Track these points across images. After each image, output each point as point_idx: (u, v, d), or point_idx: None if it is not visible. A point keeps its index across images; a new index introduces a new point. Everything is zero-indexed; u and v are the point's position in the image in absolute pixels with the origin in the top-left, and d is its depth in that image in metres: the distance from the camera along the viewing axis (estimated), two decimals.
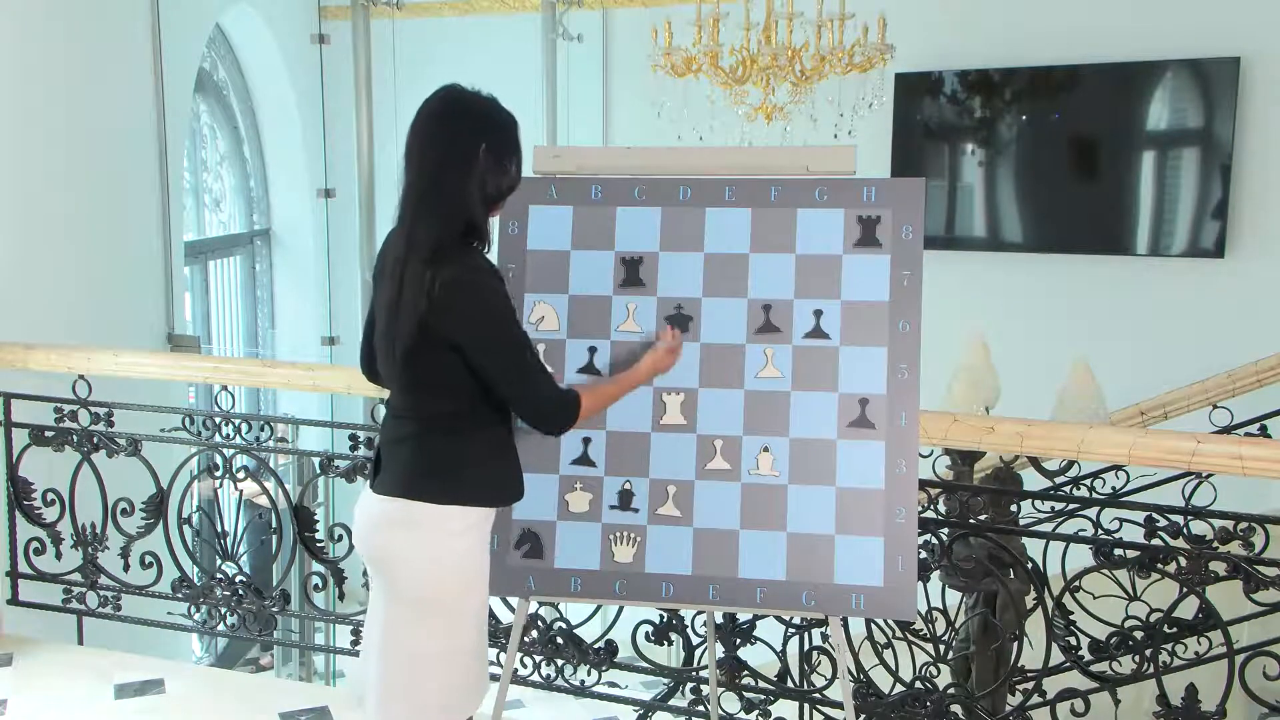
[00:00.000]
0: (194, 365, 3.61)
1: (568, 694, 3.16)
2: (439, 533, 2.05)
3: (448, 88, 2.04)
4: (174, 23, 5.26)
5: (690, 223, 2.41)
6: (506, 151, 2.02)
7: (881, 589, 2.27)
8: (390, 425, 2.15)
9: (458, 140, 1.99)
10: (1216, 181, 5.61)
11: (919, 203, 2.36)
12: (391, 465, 2.11)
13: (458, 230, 2.00)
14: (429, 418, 2.09)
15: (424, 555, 2.06)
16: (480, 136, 1.99)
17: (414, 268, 1.97)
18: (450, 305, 1.96)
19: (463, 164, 1.98)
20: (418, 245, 1.98)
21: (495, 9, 7.16)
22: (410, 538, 2.06)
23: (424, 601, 2.07)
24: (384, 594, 2.12)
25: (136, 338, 5.00)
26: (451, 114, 2.01)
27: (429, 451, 2.08)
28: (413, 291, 1.97)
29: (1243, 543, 2.50)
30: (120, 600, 3.57)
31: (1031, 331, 5.73)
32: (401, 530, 2.07)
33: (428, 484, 2.06)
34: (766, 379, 2.35)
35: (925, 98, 6.15)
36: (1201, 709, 2.59)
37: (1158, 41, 5.64)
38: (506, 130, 2.03)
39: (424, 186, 2.00)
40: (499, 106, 2.05)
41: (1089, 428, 2.58)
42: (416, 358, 2.01)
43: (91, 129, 4.66)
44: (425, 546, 2.06)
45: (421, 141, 2.01)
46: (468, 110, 2.02)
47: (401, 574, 2.08)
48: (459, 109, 2.02)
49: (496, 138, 2.01)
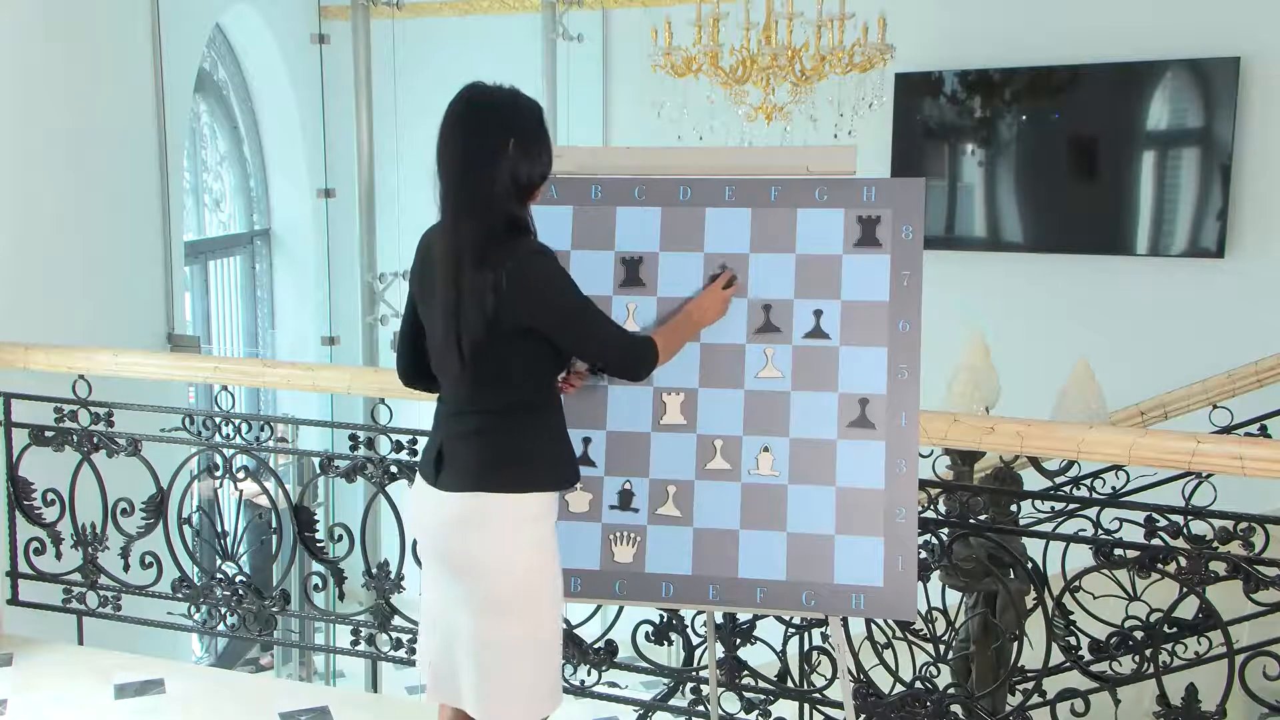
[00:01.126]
0: (194, 365, 3.61)
1: (568, 694, 3.15)
2: (514, 521, 2.08)
3: (469, 86, 2.06)
4: (174, 23, 5.26)
5: (690, 223, 2.41)
6: (534, 140, 2.04)
7: (881, 589, 2.27)
8: (452, 421, 2.15)
9: (485, 138, 2.01)
10: (1216, 181, 5.61)
11: (919, 203, 2.36)
12: (459, 460, 2.12)
13: (500, 225, 2.02)
14: (493, 410, 2.11)
15: (505, 547, 2.08)
16: (506, 130, 2.01)
17: (469, 270, 2.00)
18: (516, 296, 2.00)
19: (492, 160, 2.00)
20: (465, 248, 2.01)
21: (495, 9, 7.16)
22: (488, 532, 2.08)
23: (514, 593, 2.09)
24: (467, 594, 2.11)
25: (136, 338, 5.00)
26: (475, 112, 2.04)
27: (498, 442, 2.10)
28: (475, 293, 2.00)
29: (1243, 543, 2.50)
30: (120, 600, 3.57)
31: (1031, 331, 5.73)
32: (479, 526, 2.08)
33: (499, 474, 2.09)
34: (766, 379, 2.35)
35: (925, 98, 6.15)
36: (1201, 709, 2.59)
37: (1158, 41, 5.65)
38: (531, 118, 2.05)
39: (459, 188, 2.02)
40: (521, 96, 2.06)
41: (1089, 428, 2.58)
42: (486, 353, 2.04)
43: (91, 129, 4.66)
44: (504, 538, 2.08)
45: (450, 144, 2.03)
46: (490, 106, 2.04)
47: (487, 571, 2.08)
48: (482, 106, 2.04)
49: (522, 128, 2.03)
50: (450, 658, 2.16)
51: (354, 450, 3.18)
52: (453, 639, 2.15)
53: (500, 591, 2.09)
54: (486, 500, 2.08)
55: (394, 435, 3.12)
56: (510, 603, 2.09)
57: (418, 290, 2.17)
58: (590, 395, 2.38)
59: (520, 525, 2.09)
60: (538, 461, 2.12)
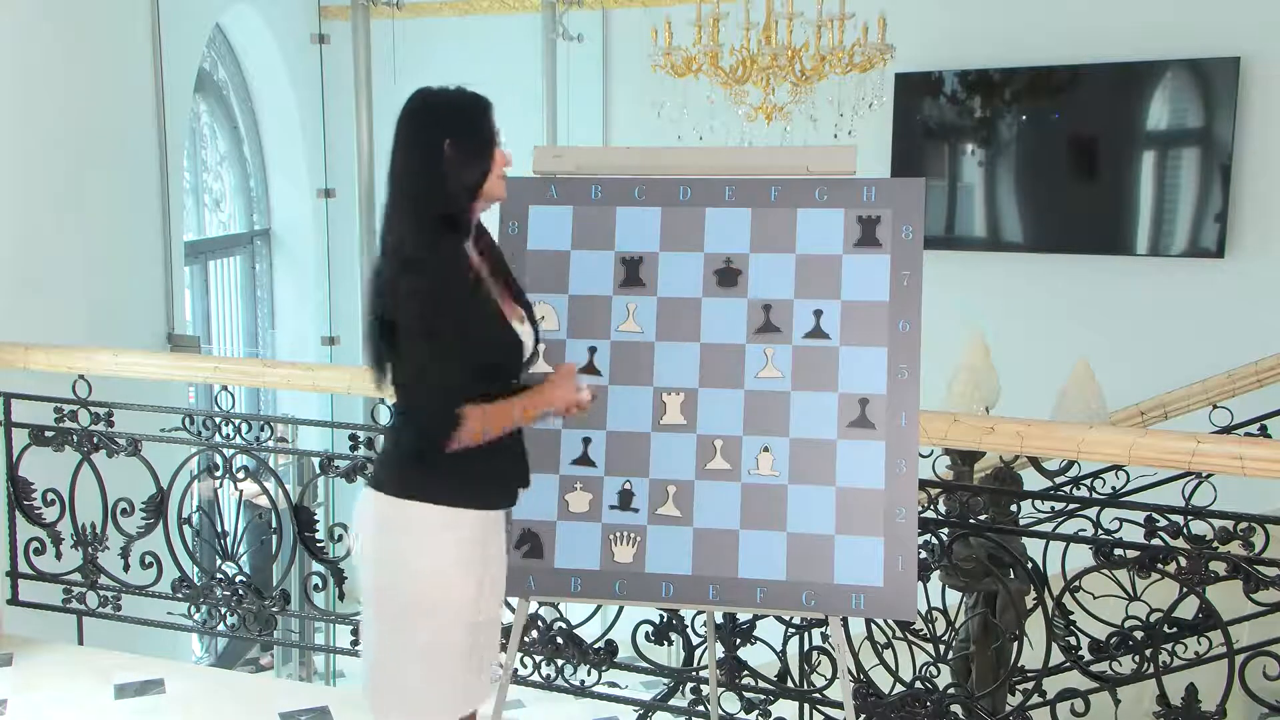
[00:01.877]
0: (194, 365, 3.61)
1: (568, 694, 3.16)
2: (398, 527, 2.03)
3: (416, 91, 2.04)
4: (174, 23, 5.26)
5: (690, 223, 2.41)
6: (474, 141, 2.01)
7: (881, 589, 2.27)
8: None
9: (421, 140, 1.99)
10: (1216, 181, 5.61)
11: (919, 203, 2.36)
12: (377, 456, 2.13)
13: (429, 228, 1.98)
14: (403, 411, 2.08)
15: (384, 549, 2.05)
16: (443, 132, 1.99)
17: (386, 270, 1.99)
18: (396, 290, 1.96)
19: (429, 162, 1.98)
20: (389, 249, 2.00)
21: (495, 9, 7.16)
22: (381, 533, 2.05)
23: (389, 598, 2.05)
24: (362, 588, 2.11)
25: (136, 338, 5.00)
26: (415, 115, 2.02)
27: (398, 445, 2.07)
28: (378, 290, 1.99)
29: (1243, 543, 2.50)
30: (120, 600, 3.57)
31: (1031, 331, 5.73)
32: (373, 524, 2.06)
33: (386, 475, 2.06)
34: (766, 379, 2.35)
35: (925, 98, 6.15)
36: (1201, 709, 2.59)
37: (1158, 41, 5.64)
38: (472, 120, 2.02)
39: (393, 190, 2.01)
40: (464, 97, 2.03)
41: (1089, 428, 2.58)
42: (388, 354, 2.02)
43: (91, 129, 4.66)
44: (385, 541, 2.04)
45: (393, 147, 2.02)
46: (430, 109, 2.02)
47: (374, 569, 2.06)
48: (422, 109, 2.02)
49: (461, 130, 2.00)
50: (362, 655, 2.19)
51: (354, 450, 3.18)
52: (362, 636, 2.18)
53: (378, 592, 2.06)
54: (375, 499, 2.05)
55: None
56: (385, 606, 2.06)
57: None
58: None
59: (403, 532, 2.03)
60: (437, 472, 2.01)
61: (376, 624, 2.08)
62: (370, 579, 2.07)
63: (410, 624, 2.04)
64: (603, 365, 2.39)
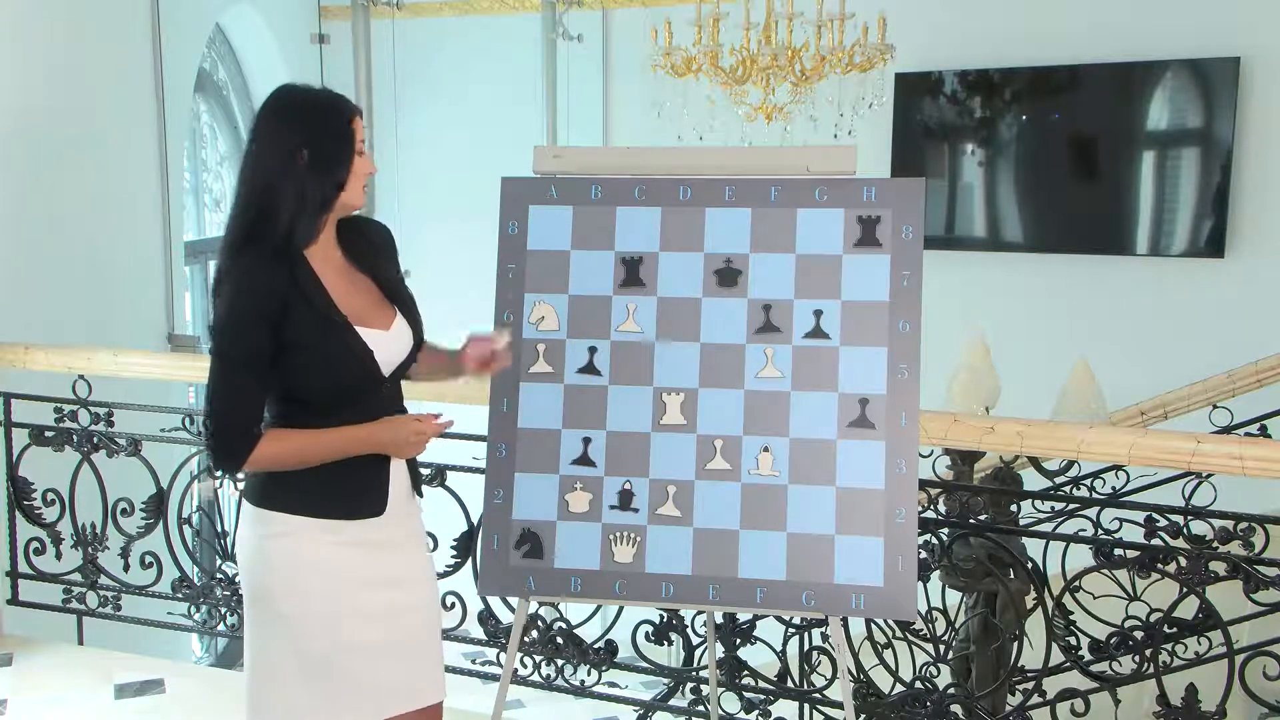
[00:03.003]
0: (194, 365, 3.61)
1: (568, 694, 3.16)
2: (257, 534, 2.03)
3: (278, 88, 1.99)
4: (174, 23, 5.26)
5: (690, 223, 2.41)
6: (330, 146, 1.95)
7: (881, 589, 2.27)
8: None
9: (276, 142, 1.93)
10: (1216, 181, 5.60)
11: (919, 203, 2.36)
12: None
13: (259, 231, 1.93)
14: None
15: (243, 551, 2.05)
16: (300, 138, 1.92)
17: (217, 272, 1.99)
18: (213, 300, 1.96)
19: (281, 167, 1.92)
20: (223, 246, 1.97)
21: (495, 9, 7.15)
22: (240, 537, 2.07)
23: (249, 603, 2.05)
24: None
25: (136, 338, 5.00)
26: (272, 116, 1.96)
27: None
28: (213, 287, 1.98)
29: (1243, 543, 2.50)
30: (120, 600, 3.57)
31: (1031, 331, 5.73)
32: (239, 528, 2.08)
33: (247, 482, 2.06)
34: (766, 379, 2.35)
35: (925, 98, 6.14)
36: (1201, 709, 2.59)
37: (1158, 41, 5.64)
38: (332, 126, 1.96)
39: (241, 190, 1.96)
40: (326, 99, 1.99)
41: (1089, 428, 2.58)
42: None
43: (91, 129, 4.66)
44: (244, 542, 2.05)
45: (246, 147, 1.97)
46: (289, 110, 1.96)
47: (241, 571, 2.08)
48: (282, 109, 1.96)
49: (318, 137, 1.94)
50: None
51: None
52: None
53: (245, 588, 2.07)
54: (243, 505, 2.07)
55: None
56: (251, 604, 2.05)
57: None
58: (591, 395, 2.38)
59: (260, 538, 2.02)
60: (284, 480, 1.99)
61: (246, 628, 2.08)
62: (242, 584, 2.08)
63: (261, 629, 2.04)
64: (603, 365, 2.39)
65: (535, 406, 2.37)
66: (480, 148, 6.09)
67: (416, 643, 2.11)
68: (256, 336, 1.90)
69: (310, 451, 1.98)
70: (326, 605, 2.01)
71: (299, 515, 1.99)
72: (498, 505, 2.38)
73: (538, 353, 2.40)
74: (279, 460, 1.96)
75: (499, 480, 2.39)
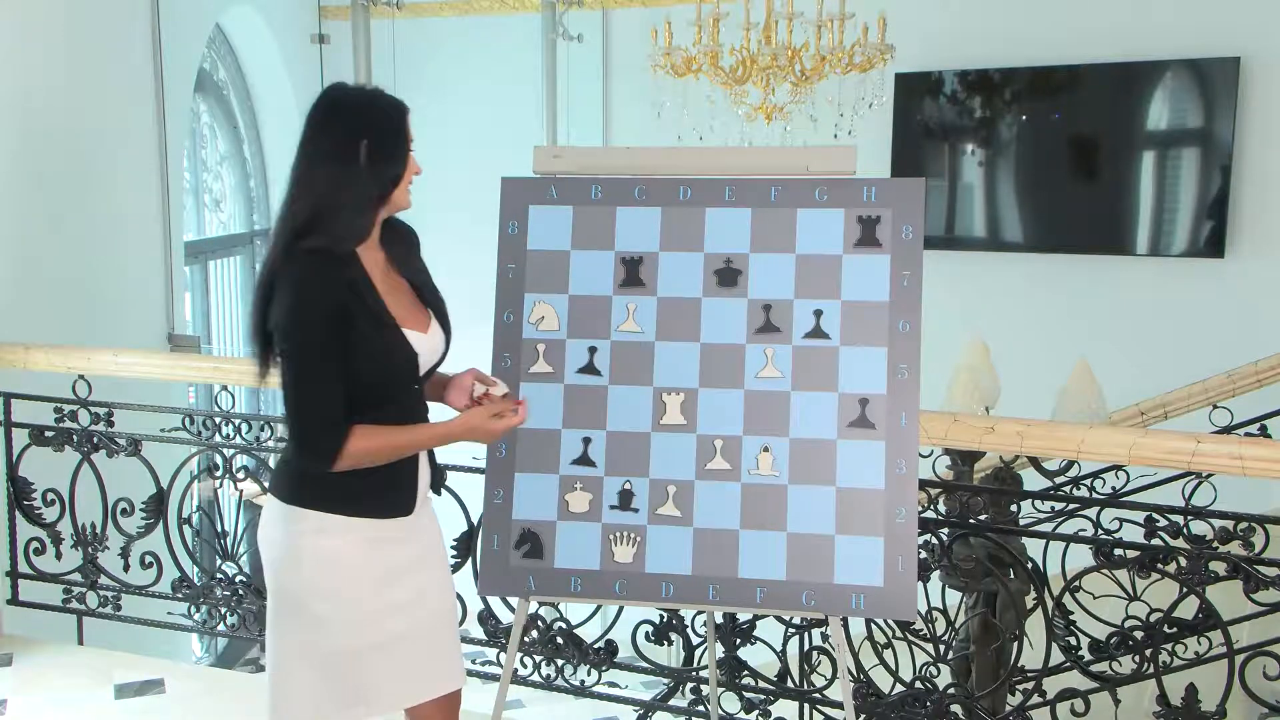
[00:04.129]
0: (194, 365, 3.61)
1: (568, 694, 3.16)
2: (288, 532, 2.03)
3: (330, 87, 2.01)
4: (174, 23, 5.26)
5: (690, 223, 2.41)
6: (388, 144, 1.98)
7: (881, 589, 2.27)
8: None
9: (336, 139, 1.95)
10: (1216, 181, 5.61)
11: (919, 203, 2.36)
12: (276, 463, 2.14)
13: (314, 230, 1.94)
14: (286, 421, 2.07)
15: (274, 554, 2.06)
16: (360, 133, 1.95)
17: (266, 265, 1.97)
18: (269, 301, 1.94)
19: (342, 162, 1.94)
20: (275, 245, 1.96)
21: (495, 9, 7.15)
22: (266, 535, 2.07)
23: (277, 602, 2.06)
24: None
25: (136, 338, 5.00)
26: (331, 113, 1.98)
27: (288, 452, 2.07)
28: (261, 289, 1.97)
29: (1243, 543, 2.50)
30: (120, 600, 3.57)
31: (1031, 331, 5.73)
32: (263, 527, 2.08)
33: (281, 482, 2.07)
34: (766, 379, 2.34)
35: (925, 98, 6.15)
36: (1201, 709, 2.59)
37: (1158, 41, 5.64)
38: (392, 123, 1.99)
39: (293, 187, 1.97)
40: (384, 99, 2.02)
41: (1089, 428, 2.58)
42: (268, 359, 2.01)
43: (91, 129, 4.66)
44: (272, 540, 2.06)
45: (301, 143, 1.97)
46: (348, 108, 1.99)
47: (266, 571, 2.09)
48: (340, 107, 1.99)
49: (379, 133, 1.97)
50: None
51: None
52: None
53: (272, 596, 2.07)
54: (269, 503, 2.07)
55: None
56: (274, 610, 2.07)
57: None
58: (591, 395, 2.38)
59: (291, 537, 2.03)
60: (314, 477, 2.00)
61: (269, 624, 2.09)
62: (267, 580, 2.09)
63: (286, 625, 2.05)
64: (603, 365, 2.39)
65: (535, 406, 2.37)
66: (480, 147, 6.08)
67: (436, 633, 2.14)
68: (326, 331, 1.91)
69: (404, 448, 2.02)
70: (357, 604, 2.03)
71: (333, 513, 2.01)
72: (498, 505, 2.39)
73: (538, 352, 2.40)
74: (373, 455, 1.97)
75: (499, 480, 2.39)
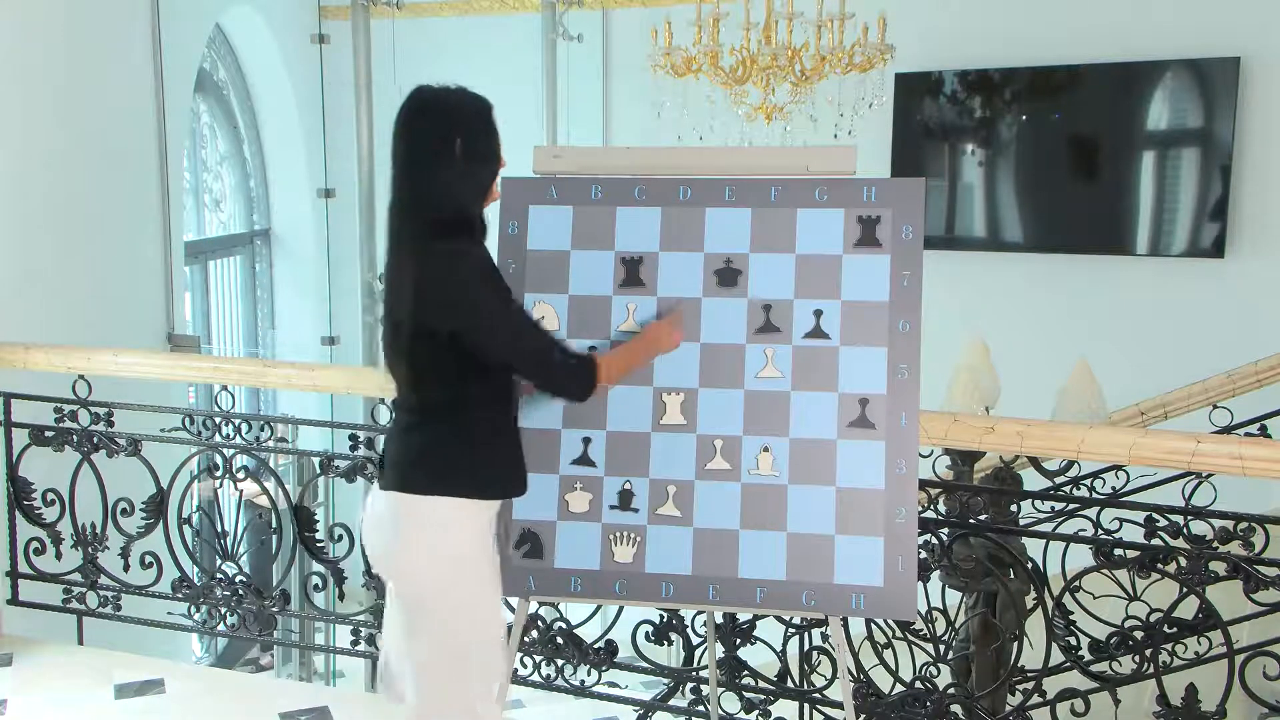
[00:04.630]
0: (194, 365, 3.61)
1: (568, 694, 3.16)
2: (430, 526, 2.06)
3: (416, 88, 2.07)
4: (174, 23, 5.26)
5: (690, 223, 2.41)
6: (481, 140, 2.05)
7: (881, 589, 2.27)
8: (393, 419, 2.20)
9: (430, 139, 2.03)
10: (1216, 181, 5.61)
11: (919, 203, 2.36)
12: (391, 459, 2.13)
13: (442, 225, 2.03)
14: (424, 410, 2.11)
15: (415, 551, 2.07)
16: (454, 131, 2.02)
17: (405, 267, 2.03)
18: (436, 296, 2.00)
19: (437, 161, 2.02)
20: (405, 245, 2.04)
21: (495, 9, 7.16)
22: (400, 533, 2.07)
23: (426, 598, 2.08)
24: (396, 593, 2.13)
25: (136, 338, 5.00)
26: (424, 114, 2.05)
27: (422, 443, 2.10)
28: (408, 290, 2.02)
29: (1243, 543, 2.50)
30: (120, 600, 3.57)
31: (1031, 331, 5.73)
32: (393, 526, 2.08)
33: (417, 474, 2.08)
34: (766, 379, 2.35)
35: (925, 98, 6.15)
36: (1201, 709, 2.59)
37: (1158, 41, 5.64)
38: (475, 120, 2.06)
39: (404, 187, 2.04)
40: (474, 97, 2.07)
41: (1089, 428, 2.58)
42: (415, 351, 2.05)
43: (91, 129, 4.66)
44: (415, 541, 2.07)
45: (396, 144, 2.05)
46: (441, 108, 2.05)
47: (401, 573, 2.09)
48: (432, 108, 2.05)
49: (469, 129, 2.04)
50: (394, 658, 2.18)
51: (354, 450, 3.18)
52: (393, 639, 2.17)
53: (416, 595, 2.09)
54: (402, 501, 2.08)
55: None
56: (426, 607, 2.09)
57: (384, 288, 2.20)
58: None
59: (435, 529, 2.06)
60: (463, 466, 2.08)
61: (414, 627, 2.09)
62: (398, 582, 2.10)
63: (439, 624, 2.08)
64: None
65: (535, 406, 2.37)
66: None
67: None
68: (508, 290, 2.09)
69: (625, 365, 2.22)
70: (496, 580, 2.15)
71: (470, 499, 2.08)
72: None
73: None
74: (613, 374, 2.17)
75: None
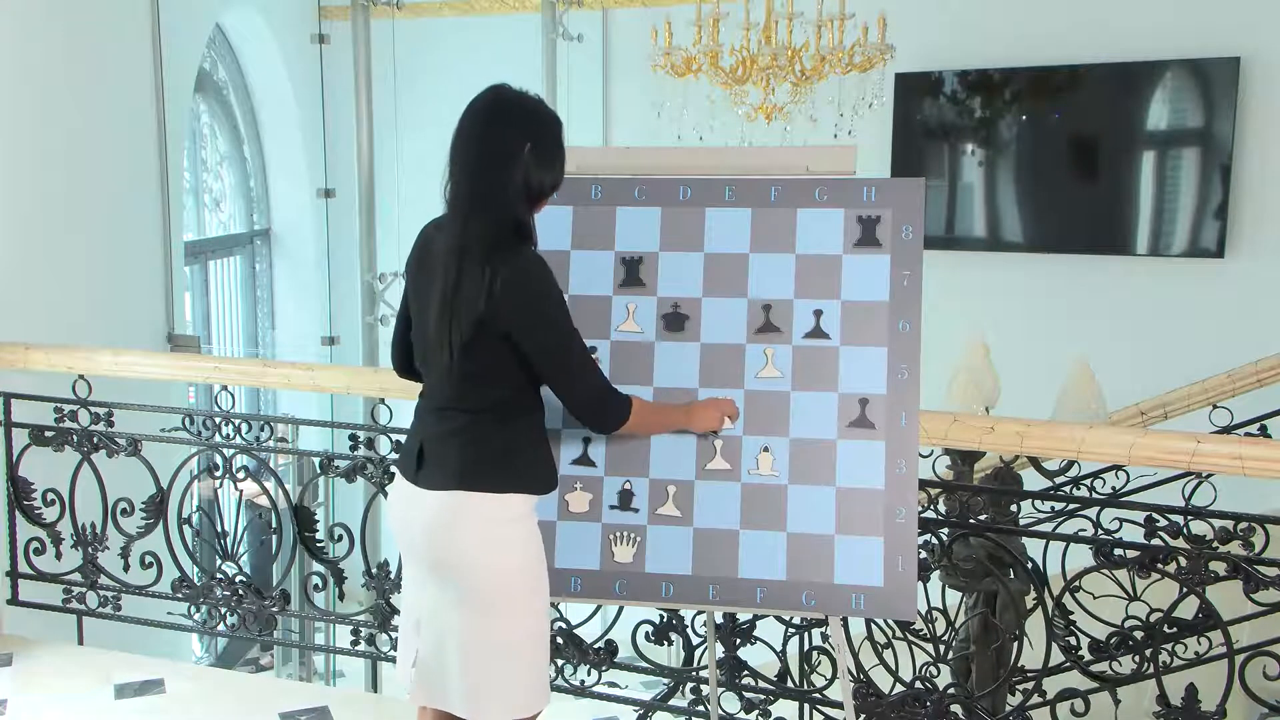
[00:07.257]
0: (194, 365, 3.61)
1: (568, 694, 3.16)
2: (495, 521, 2.09)
3: (495, 87, 2.08)
4: (174, 23, 5.26)
5: (690, 223, 2.41)
6: (551, 150, 2.07)
7: (881, 589, 2.27)
8: (434, 419, 2.16)
9: (505, 139, 2.03)
10: (1216, 181, 5.61)
11: (919, 203, 2.36)
12: (442, 459, 2.12)
13: (509, 228, 2.04)
14: (479, 409, 2.11)
15: (485, 547, 2.09)
16: (526, 135, 2.03)
17: (471, 266, 2.01)
18: (508, 299, 2.01)
19: (509, 162, 2.02)
20: (472, 243, 2.02)
21: (495, 9, 7.16)
22: (468, 532, 2.08)
23: (495, 593, 2.09)
24: (454, 594, 2.11)
25: (136, 338, 5.00)
26: (500, 112, 2.06)
27: (481, 442, 2.10)
28: (471, 289, 2.01)
29: (1243, 543, 2.50)
30: (120, 600, 3.57)
31: (1031, 331, 5.73)
32: (459, 525, 2.08)
33: (481, 474, 2.09)
34: (766, 379, 2.35)
35: (925, 98, 6.15)
36: (1201, 709, 2.59)
37: (1158, 41, 5.64)
38: (551, 129, 2.08)
39: (472, 186, 2.04)
40: (544, 105, 2.10)
41: (1089, 428, 2.58)
42: (472, 351, 2.05)
43: (91, 129, 4.66)
44: (485, 538, 2.09)
45: (468, 140, 2.05)
46: (515, 111, 2.07)
47: (467, 570, 2.09)
48: (507, 109, 2.06)
49: (542, 136, 2.06)
50: (440, 659, 2.15)
51: (354, 450, 3.18)
52: (442, 640, 2.15)
53: (482, 591, 2.09)
54: (467, 499, 2.08)
55: (394, 435, 3.12)
56: (493, 602, 2.09)
57: (412, 283, 2.18)
58: None
59: (501, 525, 2.09)
60: (520, 463, 2.13)
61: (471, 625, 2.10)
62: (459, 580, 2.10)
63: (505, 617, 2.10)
64: (603, 365, 2.38)
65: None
66: None
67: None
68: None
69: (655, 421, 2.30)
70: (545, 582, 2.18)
71: (530, 493, 2.14)
72: None
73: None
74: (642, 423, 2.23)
75: None
